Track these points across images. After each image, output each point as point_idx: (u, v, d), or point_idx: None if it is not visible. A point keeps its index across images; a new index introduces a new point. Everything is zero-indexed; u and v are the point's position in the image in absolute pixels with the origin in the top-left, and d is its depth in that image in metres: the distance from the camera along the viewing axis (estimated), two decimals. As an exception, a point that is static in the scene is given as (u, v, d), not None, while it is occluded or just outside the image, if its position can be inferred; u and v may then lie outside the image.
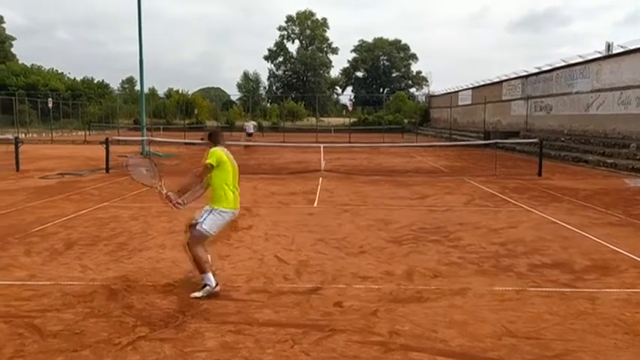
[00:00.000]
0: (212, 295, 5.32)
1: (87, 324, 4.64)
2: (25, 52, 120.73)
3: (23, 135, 38.21)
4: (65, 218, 9.46)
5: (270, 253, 7.14)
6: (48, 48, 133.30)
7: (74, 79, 67.90)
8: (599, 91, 25.23)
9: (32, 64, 66.08)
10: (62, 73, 68.77)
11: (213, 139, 5.95)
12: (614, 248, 7.57)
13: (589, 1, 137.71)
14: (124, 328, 4.57)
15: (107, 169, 17.13)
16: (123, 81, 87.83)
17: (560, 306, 5.21)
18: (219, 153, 5.65)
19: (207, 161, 5.57)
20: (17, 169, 17.16)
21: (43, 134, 42.98)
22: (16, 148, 18.01)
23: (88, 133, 45.23)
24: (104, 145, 17.77)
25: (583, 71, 26.89)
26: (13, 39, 72.44)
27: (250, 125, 32.78)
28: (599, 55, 25.47)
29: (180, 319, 4.75)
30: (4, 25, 69.91)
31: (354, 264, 6.67)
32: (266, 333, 4.48)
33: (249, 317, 4.84)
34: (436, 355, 4.11)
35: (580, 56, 27.23)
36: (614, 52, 24.55)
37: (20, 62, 67.58)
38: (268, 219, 9.62)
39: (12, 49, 71.39)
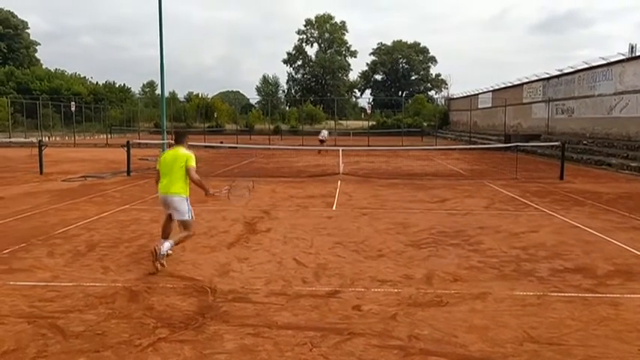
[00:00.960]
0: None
1: (108, 325, 4.70)
2: (48, 57, 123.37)
3: (47, 138, 38.89)
4: (87, 220, 9.59)
5: (288, 256, 7.15)
6: (71, 53, 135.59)
7: (96, 83, 69.02)
8: (622, 93, 24.84)
9: (56, 69, 67.36)
10: (85, 77, 69.97)
11: (176, 139, 7.37)
12: (638, 253, 7.44)
13: (611, 2, 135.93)
14: (144, 329, 4.62)
15: (128, 172, 17.34)
16: (144, 85, 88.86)
17: (582, 311, 5.13)
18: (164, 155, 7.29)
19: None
20: (41, 172, 17.46)
21: (66, 137, 43.66)
22: (40, 151, 18.33)
23: (109, 136, 45.86)
24: (125, 149, 18.00)
25: (606, 73, 26.50)
26: (38, 44, 73.97)
27: (325, 133, 32.75)
28: (622, 57, 25.08)
29: (200, 321, 4.78)
30: (28, 31, 71.37)
31: (372, 267, 6.65)
32: (285, 336, 4.48)
33: (268, 320, 4.86)
34: (456, 360, 4.08)
35: (602, 58, 26.87)
36: (638, 54, 24.16)
37: (44, 67, 68.89)
38: (287, 222, 9.64)
39: (36, 54, 72.85)
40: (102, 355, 4.12)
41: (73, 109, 43.30)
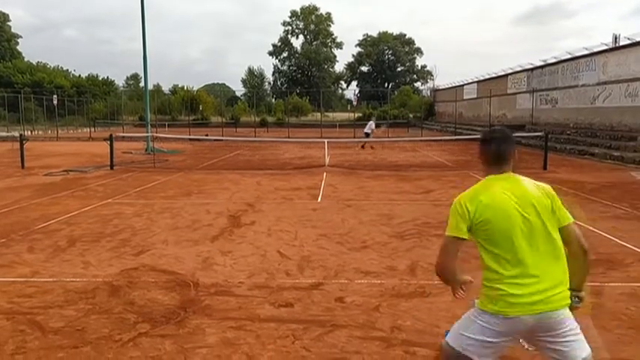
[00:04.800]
0: None
1: (88, 320, 4.64)
2: (31, 50, 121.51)
3: (29, 132, 38.42)
4: (69, 215, 9.48)
5: (272, 249, 7.12)
6: (54, 46, 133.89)
7: (79, 76, 68.16)
8: (605, 83, 25.04)
9: (38, 62, 66.44)
10: (67, 70, 69.11)
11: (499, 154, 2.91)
12: (620, 242, 7.51)
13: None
14: (125, 324, 4.57)
15: (111, 166, 17.17)
16: (128, 77, 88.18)
17: (564, 300, 5.16)
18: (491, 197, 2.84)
19: None
20: (22, 167, 17.23)
21: (49, 131, 43.12)
22: (21, 145, 18.08)
23: (93, 130, 45.39)
24: (108, 142, 17.81)
25: (589, 64, 26.69)
26: (19, 37, 72.89)
27: (372, 124, 28.71)
28: (605, 48, 25.27)
29: (182, 316, 4.74)
30: (9, 24, 70.27)
31: (356, 259, 6.64)
32: (267, 329, 4.46)
33: (251, 313, 4.83)
34: (438, 351, 4.07)
35: (586, 48, 27.03)
36: (621, 44, 24.35)
37: (26, 60, 67.92)
38: (271, 214, 9.60)
39: (17, 47, 71.79)
40: (81, 351, 4.06)
41: (55, 102, 42.80)
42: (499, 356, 2.77)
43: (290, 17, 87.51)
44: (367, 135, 27.61)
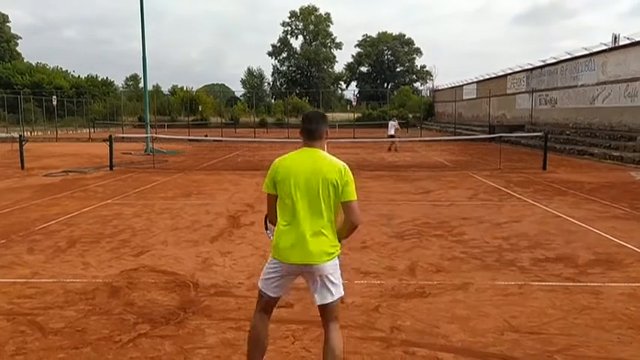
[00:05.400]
0: None
1: (88, 321, 4.65)
2: (30, 51, 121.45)
3: (28, 133, 38.41)
4: (68, 216, 9.48)
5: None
6: (53, 46, 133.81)
7: (79, 76, 68.10)
8: (604, 83, 25.06)
9: (37, 63, 66.39)
10: (67, 70, 69.05)
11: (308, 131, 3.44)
12: (619, 242, 7.51)
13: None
14: (125, 325, 4.57)
15: (111, 167, 17.17)
16: (127, 78, 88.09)
17: (563, 300, 5.17)
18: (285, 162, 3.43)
19: None
20: (22, 167, 17.23)
21: (48, 132, 43.11)
22: (21, 146, 18.08)
23: (92, 130, 45.37)
24: (108, 143, 17.81)
25: (588, 64, 26.71)
26: (19, 38, 72.83)
27: (394, 123, 27.11)
28: (604, 47, 25.28)
29: (182, 316, 4.75)
30: (9, 25, 70.23)
31: (356, 259, 6.65)
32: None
33: (251, 314, 4.75)
34: (437, 351, 4.09)
35: (585, 48, 27.06)
36: (621, 43, 24.36)
37: (25, 61, 67.88)
38: (271, 215, 9.59)
39: (17, 48, 71.75)
40: (81, 352, 4.07)
41: (54, 103, 42.77)
42: (288, 290, 3.57)
43: (289, 17, 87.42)
44: (392, 136, 26.21)
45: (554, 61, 31.02)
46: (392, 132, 26.25)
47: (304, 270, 3.29)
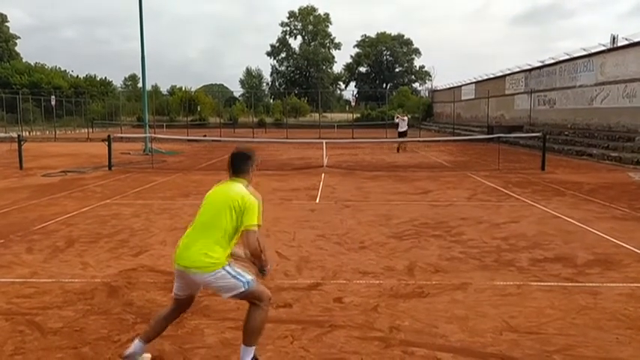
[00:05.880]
0: None
1: (87, 321, 4.65)
2: (29, 51, 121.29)
3: (27, 133, 38.36)
4: (67, 216, 9.47)
5: (270, 249, 7.07)
6: (52, 46, 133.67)
7: (77, 76, 68.01)
8: (603, 84, 25.08)
9: (36, 63, 66.30)
10: (65, 70, 68.96)
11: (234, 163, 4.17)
12: (618, 242, 7.52)
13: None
14: (123, 325, 4.57)
15: (110, 167, 17.16)
16: (126, 78, 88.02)
17: (561, 300, 5.18)
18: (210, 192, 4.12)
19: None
20: (20, 167, 17.20)
21: (47, 132, 43.05)
22: (20, 146, 18.06)
23: (91, 130, 45.31)
24: (106, 143, 17.80)
25: (587, 64, 26.74)
26: (17, 37, 72.72)
27: (405, 119, 25.96)
28: (603, 48, 25.30)
29: (180, 316, 4.73)
30: (7, 24, 70.14)
31: (354, 259, 6.65)
32: (265, 329, 4.44)
33: (249, 313, 4.82)
34: (436, 351, 4.10)
35: (584, 49, 27.08)
36: (619, 44, 24.39)
37: (24, 61, 67.80)
38: (270, 215, 9.58)
39: (16, 48, 71.66)
40: (80, 352, 4.07)
41: (53, 103, 42.69)
42: (193, 293, 3.92)
43: (288, 18, 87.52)
44: (404, 134, 25.47)
45: (552, 61, 31.05)
46: (404, 128, 25.47)
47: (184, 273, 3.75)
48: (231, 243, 3.76)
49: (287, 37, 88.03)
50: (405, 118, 26.58)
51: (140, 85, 42.34)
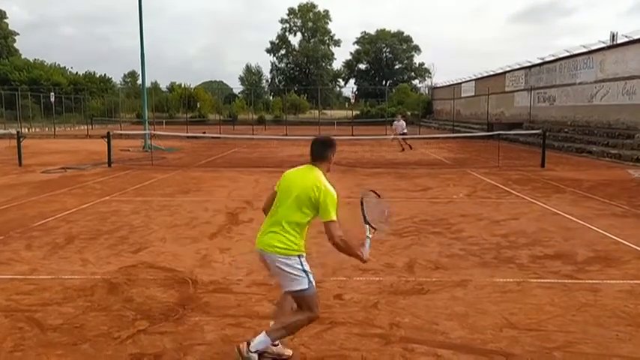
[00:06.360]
0: None
1: (87, 318, 4.64)
2: (28, 47, 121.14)
3: (26, 130, 38.25)
4: (67, 212, 9.46)
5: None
6: (51, 43, 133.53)
7: (76, 73, 67.88)
8: (603, 81, 25.06)
9: (35, 59, 66.15)
10: (65, 67, 68.82)
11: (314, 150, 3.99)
12: (618, 239, 7.53)
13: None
14: (123, 321, 4.57)
15: (109, 163, 17.14)
16: (125, 75, 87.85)
17: (561, 297, 5.18)
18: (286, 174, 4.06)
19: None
20: (20, 164, 17.17)
21: (46, 129, 42.98)
22: (19, 142, 18.04)
23: (90, 127, 45.24)
24: (106, 140, 17.78)
25: (587, 61, 26.71)
26: (16, 34, 72.54)
27: (402, 124, 25.37)
28: (603, 45, 25.28)
29: (180, 313, 4.75)
30: (6, 21, 69.97)
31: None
32: (266, 326, 4.41)
33: (249, 310, 4.84)
34: (436, 347, 4.10)
35: (584, 46, 27.03)
36: (619, 41, 24.35)
37: (23, 57, 67.64)
38: (270, 212, 9.58)
39: (14, 44, 71.48)
40: (80, 348, 4.06)
41: (52, 99, 42.65)
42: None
43: (288, 15, 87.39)
44: (404, 134, 25.06)
45: (552, 58, 31.00)
46: (401, 130, 25.02)
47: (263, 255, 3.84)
48: (304, 231, 3.82)
49: (287, 34, 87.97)
50: (402, 122, 25.67)
51: (139, 81, 42.30)
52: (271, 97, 78.79)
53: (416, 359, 3.93)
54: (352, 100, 58.91)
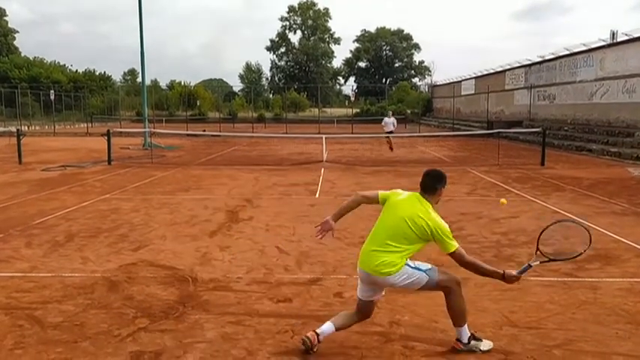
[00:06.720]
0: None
1: (87, 315, 4.64)
2: (28, 45, 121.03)
3: (26, 127, 38.26)
4: (67, 210, 9.46)
5: (270, 244, 7.13)
6: (51, 40, 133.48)
7: (76, 71, 67.86)
8: (603, 79, 25.07)
9: (35, 57, 66.09)
10: (64, 65, 68.78)
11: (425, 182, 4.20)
12: (617, 237, 7.53)
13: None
14: (124, 319, 4.57)
15: (109, 162, 17.14)
16: (125, 73, 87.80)
17: (561, 295, 5.18)
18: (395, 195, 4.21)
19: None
20: (20, 162, 17.18)
21: (46, 127, 43.00)
22: (19, 140, 18.03)
23: (90, 125, 45.23)
24: (106, 138, 17.78)
25: (587, 60, 26.71)
26: (16, 32, 72.43)
27: (393, 121, 24.56)
28: (603, 44, 25.27)
29: (181, 311, 4.75)
30: (6, 19, 69.85)
31: (354, 254, 6.58)
32: (266, 324, 4.47)
33: (250, 308, 4.84)
34: (436, 345, 4.10)
35: (584, 44, 27.03)
36: (619, 40, 24.34)
37: (23, 55, 67.57)
38: (269, 210, 9.60)
39: (14, 42, 71.38)
40: (80, 346, 4.06)
41: (52, 97, 42.62)
42: (374, 297, 4.04)
43: (288, 12, 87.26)
44: (390, 132, 24.28)
45: (552, 56, 31.00)
46: (391, 128, 24.50)
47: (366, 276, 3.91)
48: (410, 255, 3.88)
49: (286, 31, 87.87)
50: (392, 119, 24.89)
51: (139, 79, 42.31)
52: (271, 95, 78.79)
53: (416, 357, 3.93)
54: (352, 98, 58.96)
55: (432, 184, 4.09)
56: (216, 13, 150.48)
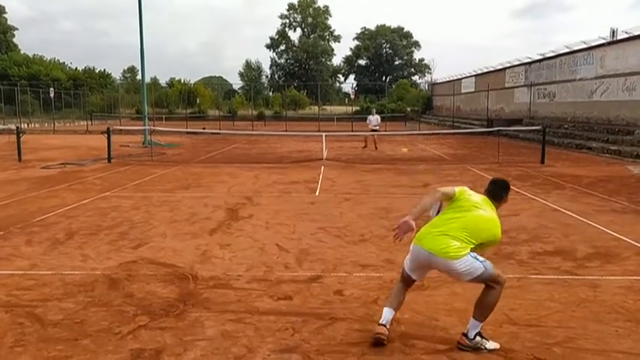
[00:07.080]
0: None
1: (87, 313, 4.64)
2: (27, 43, 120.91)
3: (25, 125, 38.26)
4: (67, 208, 9.46)
5: (270, 242, 7.13)
6: (50, 38, 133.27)
7: (76, 68, 67.81)
8: (603, 77, 25.04)
9: (34, 54, 66.04)
10: (64, 62, 68.72)
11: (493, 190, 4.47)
12: (617, 235, 7.53)
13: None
14: (124, 317, 4.57)
15: (109, 159, 17.13)
16: (124, 70, 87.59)
17: (561, 293, 5.18)
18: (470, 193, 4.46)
19: None
20: (19, 160, 17.17)
21: (45, 124, 42.96)
22: (18, 138, 18.02)
23: (90, 122, 45.20)
24: (106, 135, 17.77)
25: (587, 57, 26.68)
26: (15, 29, 72.39)
27: (373, 118, 24.33)
28: (603, 41, 25.23)
29: (181, 308, 4.75)
30: (5, 16, 69.77)
31: (355, 252, 6.65)
32: (266, 322, 4.47)
33: (250, 306, 4.84)
34: (436, 343, 4.10)
35: (584, 42, 26.99)
36: (619, 37, 24.31)
37: (22, 52, 67.52)
38: (269, 208, 9.60)
39: (14, 40, 71.33)
40: (80, 344, 4.06)
41: (52, 95, 42.60)
42: (421, 275, 4.29)
43: (287, 10, 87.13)
44: (374, 130, 24.08)
45: (552, 54, 30.96)
46: (373, 126, 24.02)
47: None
48: (474, 249, 4.03)
49: (286, 29, 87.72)
50: (377, 116, 24.58)
51: (139, 77, 42.25)
52: (271, 93, 78.68)
53: (416, 355, 3.93)
54: (352, 96, 58.88)
55: (499, 193, 4.37)
56: (216, 11, 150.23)
